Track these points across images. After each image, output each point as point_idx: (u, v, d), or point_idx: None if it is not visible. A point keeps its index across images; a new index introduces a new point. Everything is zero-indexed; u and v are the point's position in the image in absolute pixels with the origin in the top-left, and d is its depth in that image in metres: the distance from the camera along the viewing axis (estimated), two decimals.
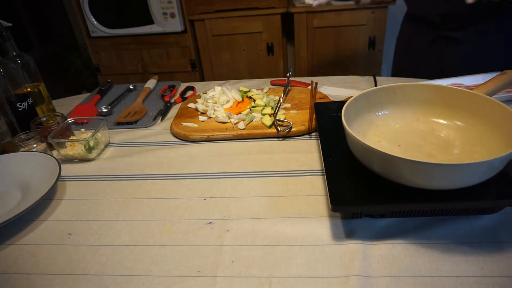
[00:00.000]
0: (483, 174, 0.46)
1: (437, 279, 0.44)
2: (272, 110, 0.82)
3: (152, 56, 2.12)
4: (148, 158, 0.75)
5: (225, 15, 1.94)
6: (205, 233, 0.55)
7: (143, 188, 0.66)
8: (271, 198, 0.60)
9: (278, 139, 0.77)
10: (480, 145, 0.56)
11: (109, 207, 0.62)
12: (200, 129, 0.80)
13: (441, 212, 0.51)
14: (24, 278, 0.50)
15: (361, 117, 0.63)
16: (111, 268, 0.50)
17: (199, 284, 0.47)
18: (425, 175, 0.46)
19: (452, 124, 0.62)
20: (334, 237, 0.51)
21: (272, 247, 0.51)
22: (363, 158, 0.54)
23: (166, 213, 0.59)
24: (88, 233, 0.57)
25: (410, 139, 0.62)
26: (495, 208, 0.51)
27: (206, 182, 0.66)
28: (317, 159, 0.69)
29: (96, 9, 2.00)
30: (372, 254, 0.48)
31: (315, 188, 0.61)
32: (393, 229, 0.52)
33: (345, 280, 0.45)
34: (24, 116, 0.80)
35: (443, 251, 0.48)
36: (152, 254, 0.52)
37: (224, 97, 0.87)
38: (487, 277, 0.44)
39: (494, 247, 0.47)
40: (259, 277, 0.47)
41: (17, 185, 0.67)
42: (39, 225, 0.60)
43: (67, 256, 0.53)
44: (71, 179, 0.71)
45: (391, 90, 0.64)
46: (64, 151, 0.75)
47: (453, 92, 0.61)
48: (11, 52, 0.83)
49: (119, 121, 0.90)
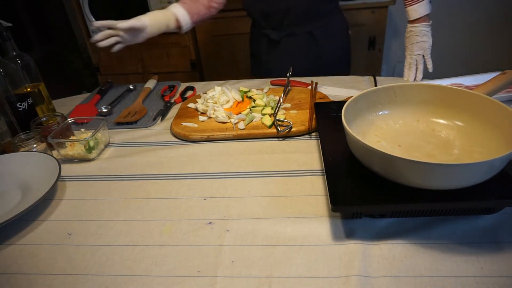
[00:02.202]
0: (483, 174, 0.46)
1: (437, 279, 0.44)
2: (272, 110, 0.82)
3: (152, 56, 2.12)
4: (148, 158, 0.75)
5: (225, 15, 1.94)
6: (205, 233, 0.55)
7: (143, 188, 0.66)
8: (271, 198, 0.60)
9: (278, 139, 0.77)
10: (480, 145, 0.56)
11: (109, 207, 0.62)
12: (200, 129, 0.80)
13: (441, 212, 0.51)
14: (24, 278, 0.50)
15: (361, 117, 0.63)
16: (111, 268, 0.50)
17: (199, 284, 0.47)
18: (425, 175, 0.46)
19: (452, 124, 0.62)
20: (334, 237, 0.51)
21: (272, 247, 0.51)
22: (363, 158, 0.54)
23: (166, 213, 0.59)
24: (88, 233, 0.57)
25: (410, 139, 0.62)
26: (495, 208, 0.51)
27: (206, 182, 0.66)
28: (317, 159, 0.69)
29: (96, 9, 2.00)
30: (372, 254, 0.48)
31: (315, 188, 0.61)
32: (393, 229, 0.52)
33: (345, 280, 0.45)
34: (24, 116, 0.80)
35: (443, 251, 0.48)
36: (152, 254, 0.52)
37: (224, 97, 0.87)
38: (487, 277, 0.44)
39: (494, 247, 0.47)
40: (259, 277, 0.47)
41: (17, 185, 0.67)
42: (39, 225, 0.60)
43: (67, 256, 0.53)
44: (71, 179, 0.71)
45: (391, 90, 0.64)
46: (64, 151, 0.75)
47: (453, 92, 0.61)
48: (11, 52, 0.83)
49: (119, 121, 0.90)
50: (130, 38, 0.91)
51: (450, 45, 2.27)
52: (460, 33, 2.22)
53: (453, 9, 2.15)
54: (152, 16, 0.93)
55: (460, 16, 2.16)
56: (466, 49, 2.27)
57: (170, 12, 0.97)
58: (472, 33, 2.21)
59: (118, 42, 0.90)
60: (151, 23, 0.92)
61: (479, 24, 2.18)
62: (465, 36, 2.23)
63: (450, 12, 2.16)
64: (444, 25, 2.21)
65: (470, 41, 2.24)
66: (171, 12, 0.97)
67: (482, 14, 2.14)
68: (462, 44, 2.26)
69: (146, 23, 0.91)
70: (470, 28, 2.20)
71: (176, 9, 0.98)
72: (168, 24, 0.97)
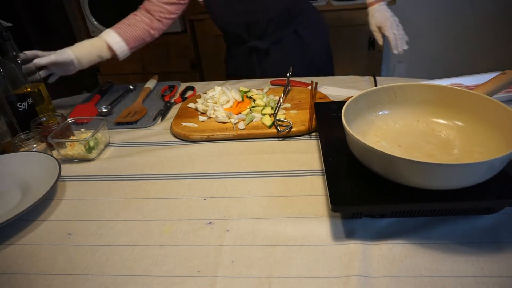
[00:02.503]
0: (483, 174, 0.46)
1: (437, 279, 0.44)
2: (272, 110, 0.82)
3: (152, 56, 2.12)
4: (148, 158, 0.75)
5: None
6: (205, 233, 0.55)
7: (143, 188, 0.66)
8: (271, 198, 0.60)
9: (278, 139, 0.77)
10: (480, 145, 0.56)
11: (109, 207, 0.62)
12: (200, 129, 0.80)
13: (441, 212, 0.51)
14: (24, 278, 0.50)
15: (361, 117, 0.63)
16: (111, 268, 0.50)
17: (199, 284, 0.47)
18: (425, 175, 0.46)
19: (452, 124, 0.62)
20: (334, 237, 0.51)
21: (272, 247, 0.51)
22: (363, 158, 0.54)
23: (166, 213, 0.59)
24: (88, 233, 0.57)
25: (410, 139, 0.62)
26: (495, 208, 0.51)
27: (206, 182, 0.66)
28: (317, 159, 0.69)
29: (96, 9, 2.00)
30: (372, 254, 0.48)
31: (315, 188, 0.61)
32: (393, 229, 0.52)
33: (345, 280, 0.45)
34: (24, 116, 0.80)
35: (443, 251, 0.48)
36: (152, 254, 0.52)
37: (224, 97, 0.87)
38: (487, 277, 0.44)
39: (494, 247, 0.47)
40: (259, 277, 0.47)
41: (17, 185, 0.67)
42: (39, 225, 0.60)
43: (67, 256, 0.53)
44: (71, 179, 0.71)
45: (391, 90, 0.64)
46: (64, 151, 0.75)
47: (453, 92, 0.61)
48: (11, 52, 0.83)
49: (119, 121, 0.90)
50: (59, 71, 0.88)
51: (450, 45, 2.27)
52: (460, 33, 2.22)
53: (453, 9, 2.15)
54: (79, 48, 0.90)
55: (461, 16, 2.16)
56: (466, 49, 2.27)
57: (101, 41, 0.93)
58: (472, 33, 2.21)
59: (51, 74, 0.87)
60: (78, 56, 0.89)
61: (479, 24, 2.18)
62: (465, 36, 2.23)
63: (450, 12, 2.16)
64: (444, 25, 2.21)
65: (470, 41, 2.24)
66: (102, 41, 0.93)
67: (482, 14, 2.14)
68: (462, 44, 2.26)
69: (71, 57, 0.87)
70: (470, 28, 2.20)
71: (109, 36, 0.93)
72: (100, 54, 0.93)
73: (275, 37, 1.06)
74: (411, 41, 0.97)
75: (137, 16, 0.99)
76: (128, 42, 0.96)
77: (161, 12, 0.98)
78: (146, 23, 0.98)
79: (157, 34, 1.02)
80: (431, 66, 2.34)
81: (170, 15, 1.00)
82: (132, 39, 0.97)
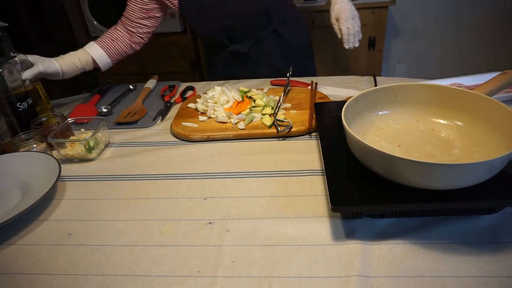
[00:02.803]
0: (483, 174, 0.46)
1: (437, 279, 0.44)
2: (272, 110, 0.82)
3: (152, 56, 2.12)
4: (148, 158, 0.75)
5: None
6: (205, 233, 0.55)
7: (143, 188, 0.66)
8: (271, 198, 0.60)
9: (278, 139, 0.77)
10: (480, 145, 0.56)
11: (109, 207, 0.62)
12: (200, 129, 0.80)
13: (441, 212, 0.51)
14: (24, 278, 0.50)
15: (361, 117, 0.63)
16: (111, 268, 0.50)
17: (199, 284, 0.47)
18: (425, 175, 0.46)
19: (452, 124, 0.62)
20: (334, 237, 0.51)
21: (272, 247, 0.51)
22: (363, 158, 0.54)
23: (166, 213, 0.59)
24: (88, 233, 0.57)
25: (410, 139, 0.62)
26: (495, 208, 0.51)
27: (206, 182, 0.66)
28: (317, 159, 0.69)
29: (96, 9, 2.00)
30: (372, 254, 0.48)
31: (315, 188, 0.61)
32: (393, 229, 0.52)
33: (345, 280, 0.45)
34: (24, 116, 0.80)
35: (443, 251, 0.48)
36: (152, 254, 0.52)
37: (224, 97, 0.87)
38: (487, 277, 0.44)
39: (494, 247, 0.47)
40: (259, 277, 0.47)
41: (17, 185, 0.67)
42: (39, 225, 0.60)
43: (67, 256, 0.53)
44: (71, 179, 0.71)
45: (391, 90, 0.64)
46: (64, 151, 0.75)
47: (453, 92, 0.61)
48: (8, 52, 0.83)
49: (119, 121, 0.90)
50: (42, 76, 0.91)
51: (451, 45, 2.27)
52: (460, 33, 2.22)
53: (453, 9, 2.15)
54: (65, 60, 0.95)
55: (461, 16, 2.17)
56: (466, 49, 2.28)
57: (86, 55, 0.99)
58: (472, 33, 2.21)
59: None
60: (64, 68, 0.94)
61: (479, 24, 2.18)
62: (465, 36, 2.23)
63: (450, 12, 2.16)
64: (444, 25, 2.21)
65: (470, 41, 2.24)
66: (87, 54, 0.99)
67: (482, 14, 2.14)
68: (462, 44, 2.26)
69: (58, 69, 0.92)
70: (470, 28, 2.20)
71: (93, 50, 1.00)
72: (84, 67, 0.99)
73: (255, 38, 1.07)
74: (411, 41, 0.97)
75: (118, 30, 1.05)
76: (111, 55, 1.04)
77: (140, 28, 1.06)
78: (128, 38, 1.06)
79: (138, 47, 1.10)
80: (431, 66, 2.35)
81: (148, 29, 1.07)
82: (115, 53, 1.05)
